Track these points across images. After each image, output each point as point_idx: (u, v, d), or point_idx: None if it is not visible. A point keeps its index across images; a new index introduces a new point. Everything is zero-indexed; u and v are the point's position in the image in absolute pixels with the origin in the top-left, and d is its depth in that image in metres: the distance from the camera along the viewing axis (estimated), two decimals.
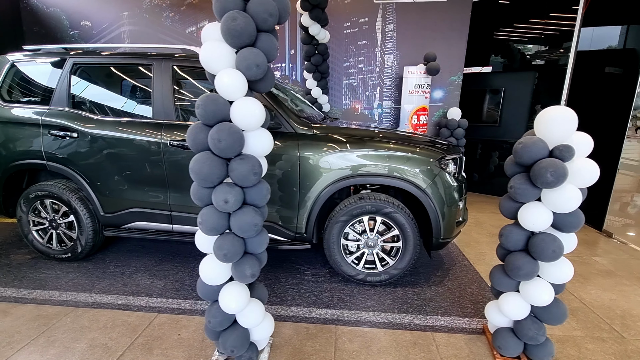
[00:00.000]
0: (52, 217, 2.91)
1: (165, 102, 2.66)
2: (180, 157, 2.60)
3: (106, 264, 2.98)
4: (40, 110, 2.79)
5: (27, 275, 2.76)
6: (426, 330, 2.17)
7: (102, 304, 2.38)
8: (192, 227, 2.75)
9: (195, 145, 1.54)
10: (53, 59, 2.84)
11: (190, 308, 2.36)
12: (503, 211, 1.86)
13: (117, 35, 5.44)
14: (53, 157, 2.75)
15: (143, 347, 1.98)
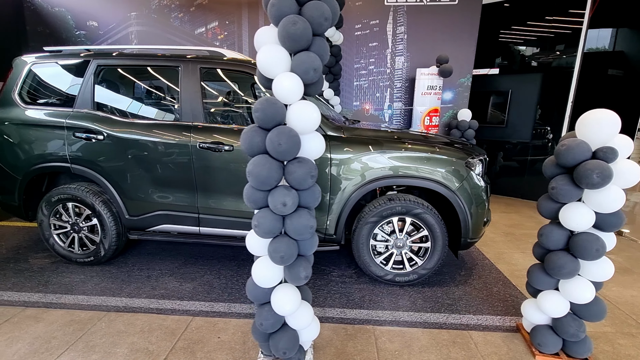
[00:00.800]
0: (74, 220, 2.87)
1: (193, 104, 2.65)
2: (209, 159, 2.60)
3: (129, 267, 2.96)
4: (64, 112, 2.75)
5: (51, 279, 2.72)
6: (462, 329, 2.21)
7: (134, 308, 2.36)
8: (220, 229, 2.75)
9: (250, 148, 1.54)
10: (76, 61, 2.81)
11: (225, 311, 2.36)
12: (542, 211, 1.90)
13: (124, 36, 5.38)
14: (78, 159, 2.72)
15: (185, 350, 1.97)
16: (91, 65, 2.76)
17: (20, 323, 2.18)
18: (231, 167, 2.60)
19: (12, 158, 2.81)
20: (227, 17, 5.20)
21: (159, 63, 2.73)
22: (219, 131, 2.61)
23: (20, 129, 2.77)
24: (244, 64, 2.70)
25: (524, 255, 3.38)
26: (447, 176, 2.50)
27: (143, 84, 2.85)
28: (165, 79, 2.80)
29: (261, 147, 1.54)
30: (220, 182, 2.63)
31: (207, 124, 2.64)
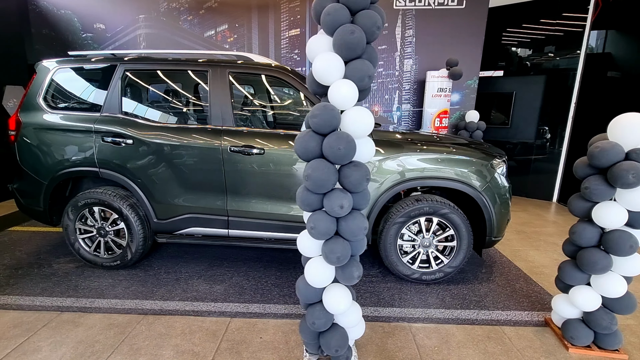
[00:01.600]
0: (100, 224, 2.87)
1: (223, 108, 2.68)
2: (240, 162, 2.63)
3: (155, 270, 2.97)
4: (91, 117, 2.75)
5: (80, 284, 2.71)
6: (493, 324, 2.29)
7: (169, 311, 2.39)
8: (249, 231, 2.78)
9: (306, 153, 1.59)
10: (102, 65, 2.81)
11: (260, 311, 2.39)
12: (574, 210, 1.99)
13: (132, 39, 5.36)
14: (106, 164, 2.72)
15: (231, 351, 2.00)
16: (118, 70, 2.76)
17: (59, 328, 2.19)
18: (262, 170, 2.64)
19: (38, 163, 2.80)
20: (237, 20, 5.22)
21: (187, 67, 2.75)
22: (250, 135, 2.65)
23: (47, 134, 2.77)
24: (273, 68, 2.74)
25: (538, 252, 3.49)
26: (473, 177, 2.58)
27: (170, 88, 2.86)
28: (193, 83, 2.82)
29: (316, 152, 1.59)
30: (251, 184, 2.67)
31: (237, 127, 2.68)
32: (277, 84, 3.00)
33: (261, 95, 3.23)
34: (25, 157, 2.83)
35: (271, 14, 5.18)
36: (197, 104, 2.81)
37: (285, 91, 3.00)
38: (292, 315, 2.36)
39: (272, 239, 2.81)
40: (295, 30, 5.19)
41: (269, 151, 2.61)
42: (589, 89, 4.93)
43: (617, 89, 4.58)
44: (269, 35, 5.22)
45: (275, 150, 2.62)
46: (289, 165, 2.63)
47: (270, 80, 2.93)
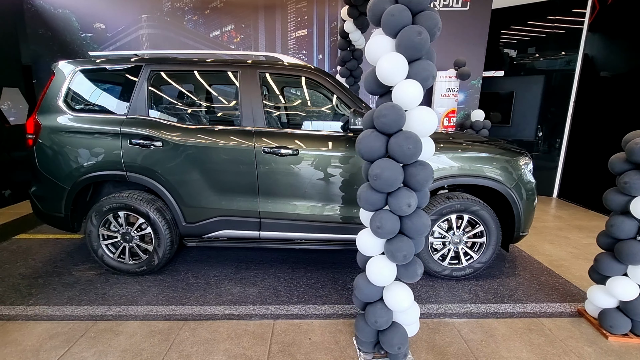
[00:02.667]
0: (125, 230, 2.79)
1: (254, 109, 2.66)
2: (274, 163, 2.61)
3: (182, 275, 2.91)
4: (117, 119, 2.67)
5: (108, 292, 2.63)
6: (530, 316, 2.36)
7: (209, 315, 2.35)
8: (282, 232, 2.76)
9: (371, 153, 1.61)
10: (127, 66, 2.73)
11: (301, 312, 2.38)
12: (611, 204, 2.08)
13: (134, 39, 5.23)
14: (133, 167, 2.65)
15: (283, 353, 1.99)
16: (144, 71, 2.70)
17: (99, 337, 2.12)
18: (295, 170, 2.63)
19: (59, 167, 2.69)
20: (243, 21, 5.17)
21: (215, 68, 2.71)
22: (283, 135, 2.63)
23: (69, 137, 2.67)
24: (303, 68, 2.73)
25: (553, 246, 3.61)
26: (503, 174, 2.65)
27: (198, 89, 2.81)
28: (222, 84, 2.79)
29: (381, 152, 1.61)
30: (284, 185, 2.66)
31: (270, 128, 2.66)
32: (308, 85, 2.99)
33: (291, 96, 3.22)
34: (45, 161, 2.72)
35: (278, 14, 5.16)
36: (227, 105, 2.77)
37: (316, 92, 3.00)
38: (333, 315, 2.36)
39: (303, 240, 2.80)
40: (302, 31, 5.18)
41: (302, 152, 2.61)
42: (587, 88, 5.14)
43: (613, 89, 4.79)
44: (276, 36, 5.19)
45: (309, 151, 2.61)
46: (322, 166, 2.63)
47: (301, 81, 2.92)
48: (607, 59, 4.88)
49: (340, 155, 2.62)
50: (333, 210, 2.70)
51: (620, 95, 4.64)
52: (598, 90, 4.98)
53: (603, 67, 4.92)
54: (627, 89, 4.52)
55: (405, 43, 1.54)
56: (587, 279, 2.90)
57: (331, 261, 3.18)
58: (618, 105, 4.65)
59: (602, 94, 4.91)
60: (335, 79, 2.77)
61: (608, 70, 4.87)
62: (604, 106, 4.86)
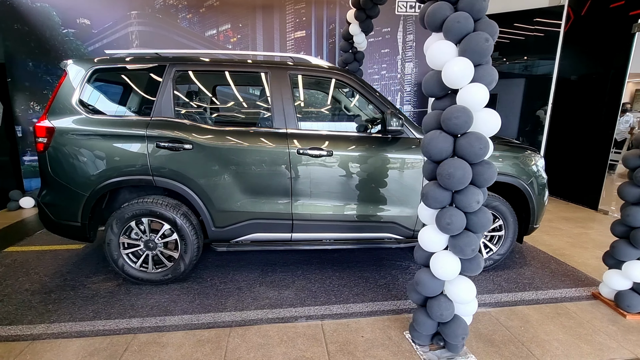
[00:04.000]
0: (148, 237, 2.66)
1: (286, 111, 2.64)
2: (307, 165, 2.62)
3: (209, 281, 2.82)
4: (141, 120, 2.55)
5: (135, 303, 2.50)
6: (554, 302, 2.56)
7: (253, 320, 2.31)
8: (314, 234, 2.77)
9: (440, 153, 1.68)
10: (149, 65, 2.61)
11: (344, 312, 2.41)
12: (626, 196, 2.31)
13: (123, 36, 4.95)
14: (161, 171, 2.53)
15: (342, 352, 2.01)
16: (168, 71, 2.59)
17: (145, 350, 2.01)
18: (329, 171, 2.65)
19: (77, 173, 2.51)
20: (240, 20, 5.08)
21: (244, 69, 2.66)
22: (317, 137, 2.65)
23: (88, 141, 2.50)
24: (332, 70, 2.76)
25: (550, 237, 3.91)
26: (522, 171, 2.83)
27: (225, 90, 2.75)
28: (250, 85, 2.74)
29: (449, 152, 1.69)
30: (318, 186, 2.67)
31: (303, 129, 2.66)
32: (338, 86, 3.02)
33: (322, 97, 3.22)
34: (59, 167, 2.52)
35: (276, 15, 5.12)
36: (256, 106, 2.73)
37: (345, 93, 3.04)
38: (376, 312, 2.42)
39: (332, 240, 2.83)
40: (300, 32, 5.19)
41: (336, 152, 2.63)
42: (563, 91, 5.61)
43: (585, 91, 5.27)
44: (274, 37, 5.16)
45: (342, 152, 2.65)
46: (355, 166, 2.67)
47: (330, 83, 2.94)
48: (579, 64, 5.36)
49: (373, 156, 2.68)
50: (365, 210, 2.75)
51: (591, 97, 5.11)
52: (573, 92, 5.45)
53: (576, 71, 5.39)
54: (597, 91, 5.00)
55: (473, 48, 1.62)
56: (589, 264, 3.19)
57: (355, 260, 3.23)
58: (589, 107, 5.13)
59: (576, 96, 5.38)
60: (364, 81, 2.83)
61: (581, 74, 5.35)
62: (578, 107, 5.33)
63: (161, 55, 2.68)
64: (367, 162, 2.68)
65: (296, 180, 2.64)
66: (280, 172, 2.61)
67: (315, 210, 2.71)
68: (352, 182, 2.70)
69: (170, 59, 2.63)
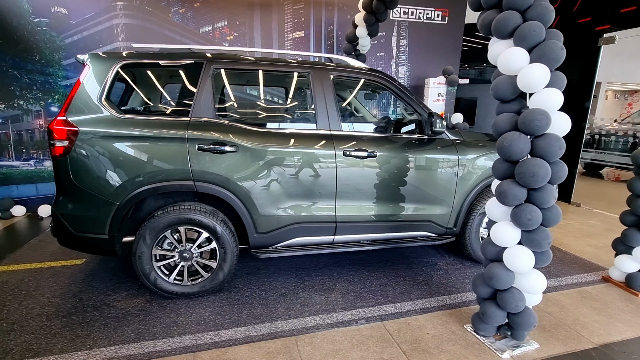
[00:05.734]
0: (185, 247, 2.47)
1: (330, 112, 2.61)
2: (353, 166, 2.61)
3: (247, 290, 2.69)
4: (179, 121, 2.36)
5: (177, 319, 2.31)
6: (575, 287, 2.82)
7: (314, 327, 2.25)
8: (354, 235, 2.77)
9: (519, 153, 1.78)
10: (185, 62, 2.42)
11: (398, 311, 2.44)
12: (636, 189, 2.62)
13: (107, 29, 4.52)
14: (203, 175, 2.36)
15: (416, 350, 2.04)
16: (206, 69, 2.43)
17: None
18: (373, 172, 2.67)
19: (106, 180, 2.26)
20: (238, 18, 4.89)
21: (285, 69, 2.58)
22: (361, 138, 2.65)
23: (118, 143, 2.26)
24: (371, 72, 2.78)
25: None
26: None
27: (265, 90, 2.63)
28: (290, 85, 2.66)
29: (526, 152, 1.80)
30: (362, 188, 2.67)
31: (347, 131, 2.64)
32: (376, 88, 3.03)
33: (361, 99, 3.20)
34: (83, 173, 2.25)
35: (275, 14, 5.01)
36: (299, 106, 2.65)
37: (380, 95, 3.06)
38: (428, 309, 2.48)
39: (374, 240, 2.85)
40: (299, 33, 5.13)
41: (381, 154, 2.66)
42: None
43: None
44: (273, 36, 5.04)
45: (386, 152, 2.68)
46: (398, 166, 2.72)
47: (369, 85, 2.95)
48: None
49: (413, 157, 2.74)
50: (404, 209, 2.81)
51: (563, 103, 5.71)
52: None
53: None
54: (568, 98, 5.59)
55: (549, 55, 1.75)
56: (587, 251, 3.55)
57: (383, 260, 3.28)
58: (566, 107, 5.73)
59: None
60: (401, 83, 2.89)
61: None
62: None
63: (197, 52, 2.50)
64: (408, 162, 2.74)
65: (341, 181, 2.61)
66: (326, 174, 2.57)
67: (358, 212, 2.71)
68: (393, 183, 2.74)
69: (207, 56, 2.46)
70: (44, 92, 4.49)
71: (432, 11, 5.58)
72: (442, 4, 5.61)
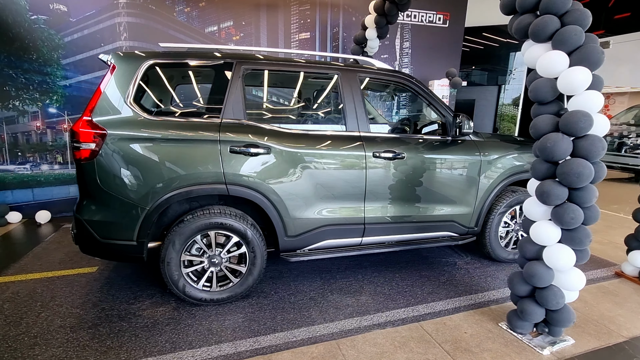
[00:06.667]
0: (214, 252, 2.41)
1: (358, 113, 2.61)
2: (382, 168, 2.62)
3: (275, 295, 2.65)
4: (210, 123, 2.30)
5: (210, 327, 2.24)
6: (593, 283, 2.91)
7: (352, 330, 2.23)
8: (381, 237, 2.77)
9: (563, 153, 1.83)
10: (215, 62, 2.36)
11: (431, 311, 2.46)
12: None
13: (109, 27, 4.37)
14: (235, 179, 2.31)
15: (459, 350, 2.05)
16: (236, 69, 2.37)
17: None
18: (401, 174, 2.68)
19: (136, 184, 2.18)
20: (244, 18, 4.82)
21: (315, 70, 2.56)
22: (389, 140, 2.65)
23: (149, 146, 2.18)
24: (397, 74, 2.80)
25: None
26: None
27: (294, 91, 2.60)
28: (319, 86, 2.64)
29: (568, 152, 1.84)
30: (391, 189, 2.68)
31: (374, 133, 2.65)
32: (401, 90, 3.04)
33: (388, 100, 3.20)
34: (112, 177, 2.16)
35: (281, 15, 4.97)
36: (328, 108, 2.63)
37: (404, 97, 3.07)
38: (460, 308, 2.50)
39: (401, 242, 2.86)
40: (305, 34, 5.11)
41: (409, 155, 2.67)
42: None
43: None
44: (279, 37, 5.00)
45: (413, 154, 2.69)
46: (425, 167, 2.74)
47: (394, 86, 2.96)
48: None
49: (439, 158, 2.77)
50: (430, 210, 2.83)
51: None
52: None
53: None
54: None
55: (590, 59, 1.80)
56: (595, 249, 3.67)
57: (403, 260, 3.30)
58: None
59: None
60: (425, 85, 2.91)
61: None
62: None
63: (226, 52, 2.44)
64: (434, 163, 2.77)
65: (370, 183, 2.61)
66: (356, 175, 2.56)
67: (386, 213, 2.71)
68: (420, 183, 2.76)
69: (237, 56, 2.41)
70: (42, 93, 4.29)
71: (434, 14, 5.68)
72: (443, 7, 5.71)
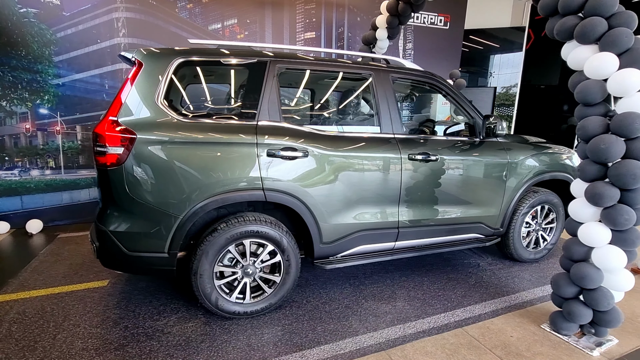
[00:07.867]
0: (248, 262, 2.27)
1: (392, 115, 2.54)
2: (417, 171, 2.57)
3: (308, 304, 2.54)
4: (246, 125, 2.16)
5: (249, 342, 2.10)
6: None
7: (397, 339, 2.16)
8: (416, 240, 2.72)
9: (616, 155, 1.83)
10: (248, 61, 2.23)
11: (471, 315, 2.42)
12: None
13: (106, 22, 4.10)
14: (273, 184, 2.18)
15: (512, 355, 2.02)
16: (270, 69, 2.25)
17: None
18: (434, 176, 2.64)
19: (168, 191, 2.01)
20: (248, 16, 4.66)
21: (350, 70, 2.47)
22: (423, 142, 2.61)
23: (182, 150, 2.02)
24: (427, 75, 2.75)
25: None
26: (570, 167, 3.22)
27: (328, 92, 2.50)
28: (352, 87, 2.56)
29: (622, 153, 1.85)
30: (425, 192, 2.63)
31: (408, 135, 2.59)
32: (429, 90, 2.99)
33: (419, 100, 3.13)
34: (141, 184, 1.98)
35: (286, 13, 4.85)
36: (362, 109, 2.55)
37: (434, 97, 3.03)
38: (497, 311, 2.49)
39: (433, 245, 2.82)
40: (310, 34, 5.00)
41: (441, 157, 2.63)
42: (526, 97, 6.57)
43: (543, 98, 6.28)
44: (284, 36, 4.87)
45: (446, 156, 2.66)
46: (457, 169, 2.71)
47: (424, 87, 2.91)
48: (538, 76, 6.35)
49: (471, 159, 2.75)
50: (460, 212, 2.81)
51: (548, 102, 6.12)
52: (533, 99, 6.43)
53: (537, 81, 6.38)
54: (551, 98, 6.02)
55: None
56: None
57: (428, 264, 3.26)
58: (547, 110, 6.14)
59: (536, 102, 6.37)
60: (453, 87, 2.89)
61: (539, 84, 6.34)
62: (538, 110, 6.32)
63: (258, 50, 2.31)
64: (465, 165, 2.74)
65: (405, 185, 2.55)
66: (392, 178, 2.50)
67: (420, 216, 2.66)
68: (451, 185, 2.74)
69: (271, 55, 2.29)
70: (31, 92, 3.97)
71: (435, 16, 5.72)
72: (444, 9, 5.77)
